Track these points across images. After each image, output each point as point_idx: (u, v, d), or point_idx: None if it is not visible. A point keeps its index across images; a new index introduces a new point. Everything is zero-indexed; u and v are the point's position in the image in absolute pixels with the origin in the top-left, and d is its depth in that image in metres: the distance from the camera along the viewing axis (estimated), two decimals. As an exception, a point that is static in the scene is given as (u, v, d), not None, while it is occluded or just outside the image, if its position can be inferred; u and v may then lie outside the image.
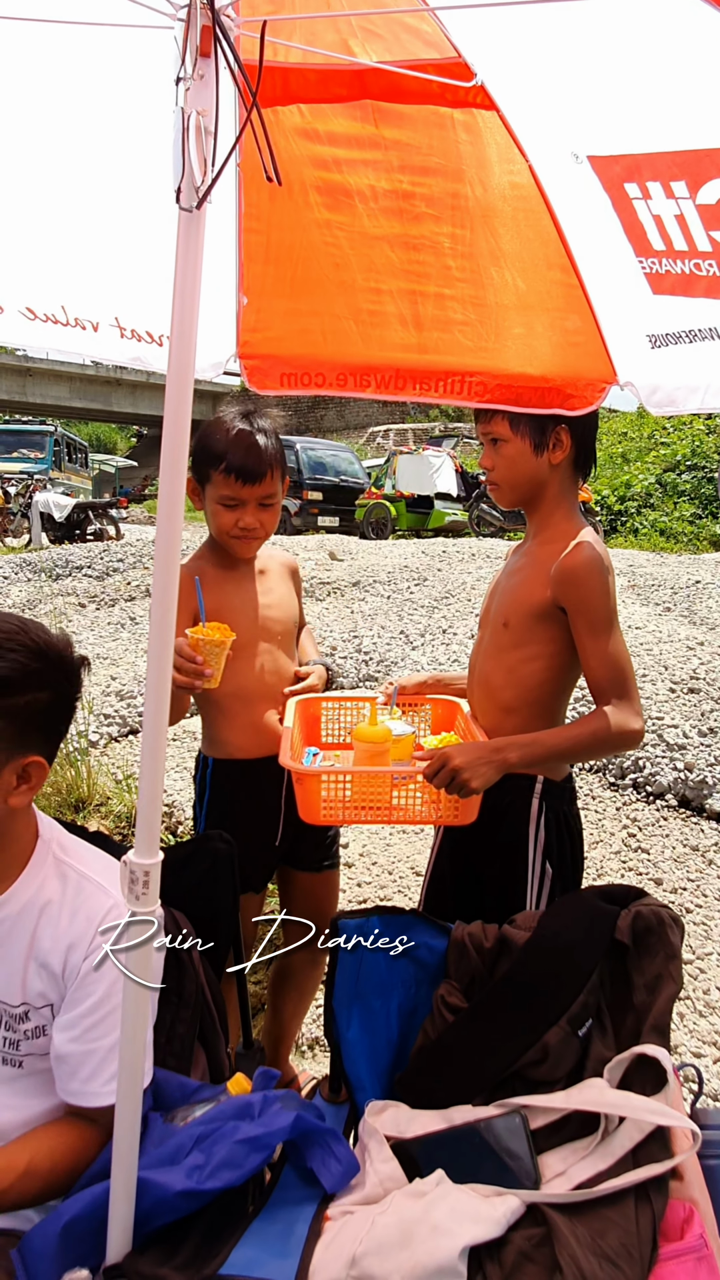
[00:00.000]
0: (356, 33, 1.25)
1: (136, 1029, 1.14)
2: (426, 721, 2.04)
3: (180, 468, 1.03)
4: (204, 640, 1.64)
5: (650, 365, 1.59)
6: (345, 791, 1.63)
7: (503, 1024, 1.36)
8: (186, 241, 0.95)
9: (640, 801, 3.48)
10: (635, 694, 1.60)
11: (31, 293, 1.64)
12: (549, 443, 1.70)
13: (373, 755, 1.69)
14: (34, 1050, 1.30)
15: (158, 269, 1.52)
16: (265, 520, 1.89)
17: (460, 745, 1.61)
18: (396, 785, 1.65)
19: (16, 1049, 1.30)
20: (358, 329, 1.72)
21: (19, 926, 1.27)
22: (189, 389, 1.00)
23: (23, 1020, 1.29)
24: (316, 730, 2.02)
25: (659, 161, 1.24)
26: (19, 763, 1.22)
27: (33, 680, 1.20)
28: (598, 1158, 1.24)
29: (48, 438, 18.01)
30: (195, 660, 1.62)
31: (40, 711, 1.22)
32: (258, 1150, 1.21)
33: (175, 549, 1.06)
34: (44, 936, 1.27)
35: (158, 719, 1.07)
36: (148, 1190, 1.18)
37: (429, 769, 1.55)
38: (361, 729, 1.72)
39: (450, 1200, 1.18)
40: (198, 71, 0.88)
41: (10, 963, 1.27)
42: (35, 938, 1.27)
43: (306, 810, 1.65)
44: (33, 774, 1.24)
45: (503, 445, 1.72)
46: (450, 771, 1.53)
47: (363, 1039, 1.41)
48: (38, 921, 1.28)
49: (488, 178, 1.46)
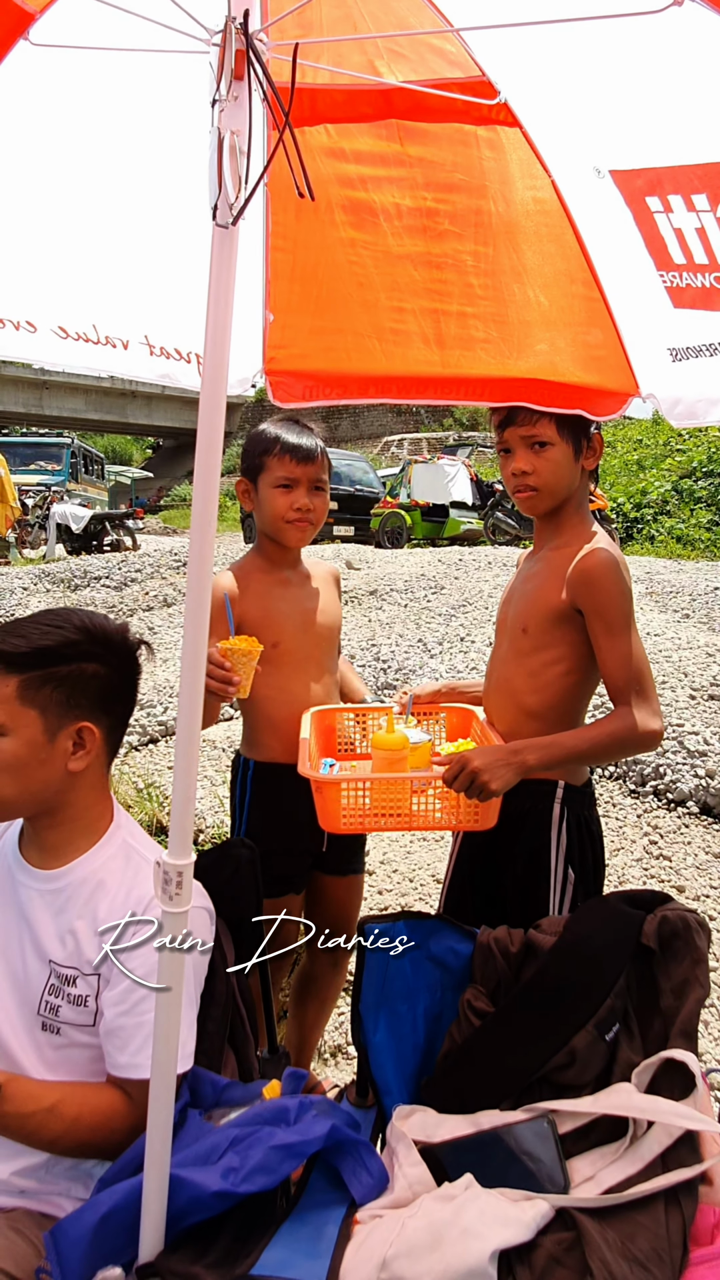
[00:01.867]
0: (383, 53, 1.28)
1: (169, 1031, 1.16)
2: (442, 730, 2.06)
3: (213, 480, 1.05)
4: (233, 650, 1.68)
5: (672, 378, 1.61)
6: (365, 799, 1.64)
7: (529, 1028, 1.37)
8: (220, 257, 0.98)
9: (661, 808, 3.48)
10: (654, 695, 1.61)
11: (63, 312, 1.68)
12: (585, 448, 1.72)
13: (391, 762, 1.70)
14: (73, 1019, 1.33)
15: (186, 288, 1.56)
16: (318, 505, 1.97)
17: (479, 748, 1.62)
18: (416, 791, 1.66)
19: (56, 1014, 1.34)
20: (381, 347, 1.75)
21: (80, 893, 1.35)
22: (222, 402, 1.02)
23: (69, 984, 1.33)
24: (332, 741, 2.04)
25: (680, 175, 1.26)
26: (71, 727, 1.33)
27: (75, 651, 1.33)
28: (627, 1162, 1.25)
29: (64, 450, 18.15)
30: (225, 668, 1.66)
31: (87, 680, 1.34)
32: (292, 1157, 1.22)
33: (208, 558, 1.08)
34: (101, 908, 1.34)
35: (191, 722, 1.09)
36: (183, 1188, 1.19)
37: (448, 773, 1.56)
38: (379, 736, 1.73)
39: (480, 1204, 1.19)
40: (232, 94, 0.90)
41: (68, 925, 1.34)
42: (94, 908, 1.34)
43: (326, 819, 1.66)
44: (86, 739, 1.35)
45: (548, 449, 1.69)
46: (470, 774, 1.54)
47: (389, 1043, 1.42)
48: (96, 892, 1.35)
49: (511, 193, 1.48)
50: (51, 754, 1.32)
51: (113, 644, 1.39)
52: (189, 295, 1.49)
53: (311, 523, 1.96)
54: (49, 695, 1.31)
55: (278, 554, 2.03)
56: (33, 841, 1.42)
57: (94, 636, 1.36)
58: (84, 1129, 1.27)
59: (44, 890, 1.38)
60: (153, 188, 1.59)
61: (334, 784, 1.65)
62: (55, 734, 1.32)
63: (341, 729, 2.07)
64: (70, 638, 1.33)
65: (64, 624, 1.35)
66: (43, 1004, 1.35)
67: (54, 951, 1.35)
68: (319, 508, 1.96)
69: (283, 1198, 1.27)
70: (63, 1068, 1.35)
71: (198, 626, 1.08)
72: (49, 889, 1.37)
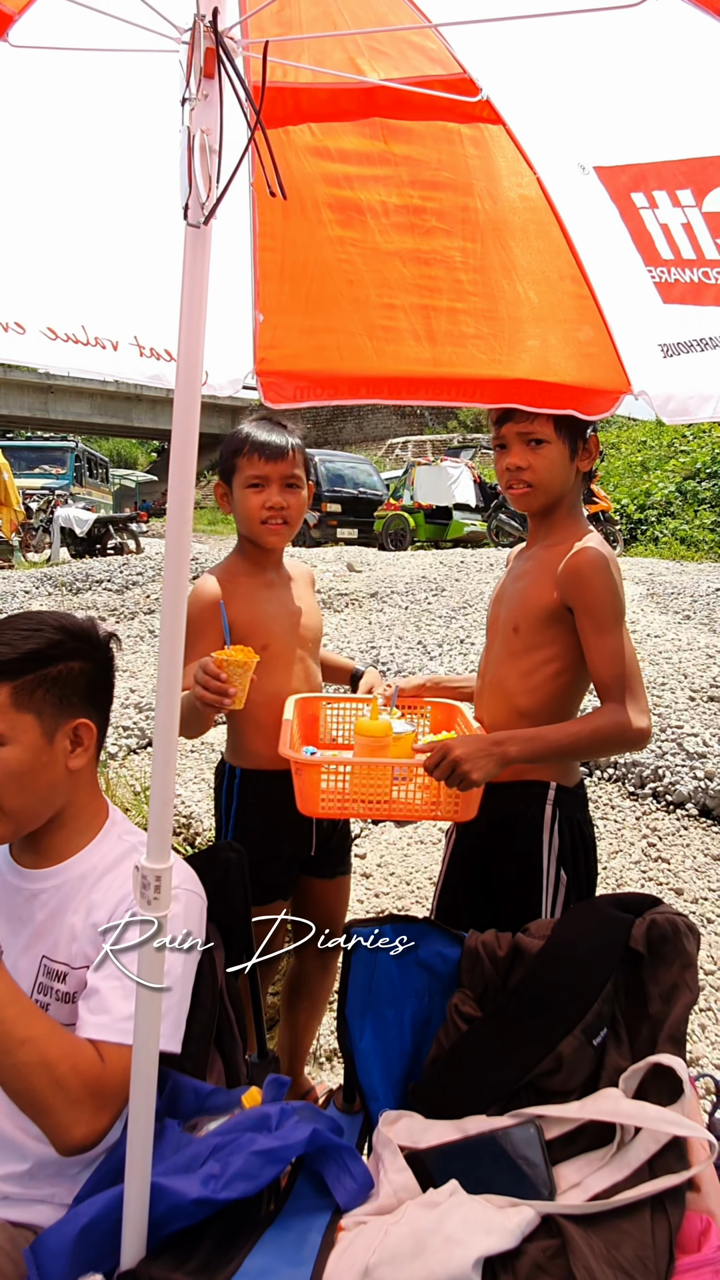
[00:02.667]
0: (364, 51, 1.28)
1: (149, 1036, 1.15)
2: (425, 724, 2.04)
3: (188, 481, 1.04)
4: (229, 661, 1.65)
5: (663, 374, 1.60)
6: (344, 784, 1.63)
7: (516, 1033, 1.35)
8: (193, 257, 0.97)
9: (660, 811, 3.46)
10: (641, 692, 1.59)
11: (52, 313, 1.68)
12: (580, 449, 1.71)
13: (374, 749, 1.68)
14: (60, 1018, 1.32)
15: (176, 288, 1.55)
16: (292, 503, 1.92)
17: (461, 737, 1.61)
18: (397, 780, 1.64)
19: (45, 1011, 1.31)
20: (372, 344, 1.74)
21: (77, 889, 1.36)
22: (196, 403, 1.01)
23: (59, 980, 1.33)
24: (315, 729, 2.02)
25: (664, 170, 1.25)
26: (68, 726, 1.35)
27: (61, 651, 1.34)
28: (613, 1169, 1.23)
29: (69, 453, 18.20)
30: (220, 679, 1.64)
31: (76, 678, 1.36)
32: (273, 1163, 1.21)
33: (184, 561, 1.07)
34: (97, 898, 1.34)
35: (168, 728, 1.09)
36: (163, 1196, 1.18)
37: (430, 760, 1.55)
38: (363, 722, 1.71)
39: (464, 1211, 1.17)
40: (201, 92, 0.90)
41: (63, 922, 1.34)
42: (90, 900, 1.35)
43: (305, 802, 1.65)
44: (83, 736, 1.37)
45: (545, 447, 1.69)
46: (451, 762, 1.52)
47: (376, 1049, 1.41)
48: (94, 887, 1.36)
49: (497, 191, 1.47)
50: (52, 755, 1.33)
51: (92, 640, 1.41)
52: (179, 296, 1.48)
53: (286, 521, 1.92)
54: (43, 697, 1.32)
55: (259, 556, 2.00)
56: (27, 845, 1.41)
57: (75, 634, 1.38)
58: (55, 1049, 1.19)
59: (40, 890, 1.37)
60: (140, 187, 1.58)
61: (314, 766, 1.64)
62: (53, 735, 1.33)
63: (324, 718, 2.06)
64: (54, 638, 1.34)
65: (42, 626, 1.36)
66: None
67: (48, 949, 1.34)
68: (293, 505, 1.92)
69: (267, 1204, 1.26)
70: None
71: (174, 634, 1.07)
72: (46, 887, 1.37)
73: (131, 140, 1.53)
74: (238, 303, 1.77)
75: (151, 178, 1.56)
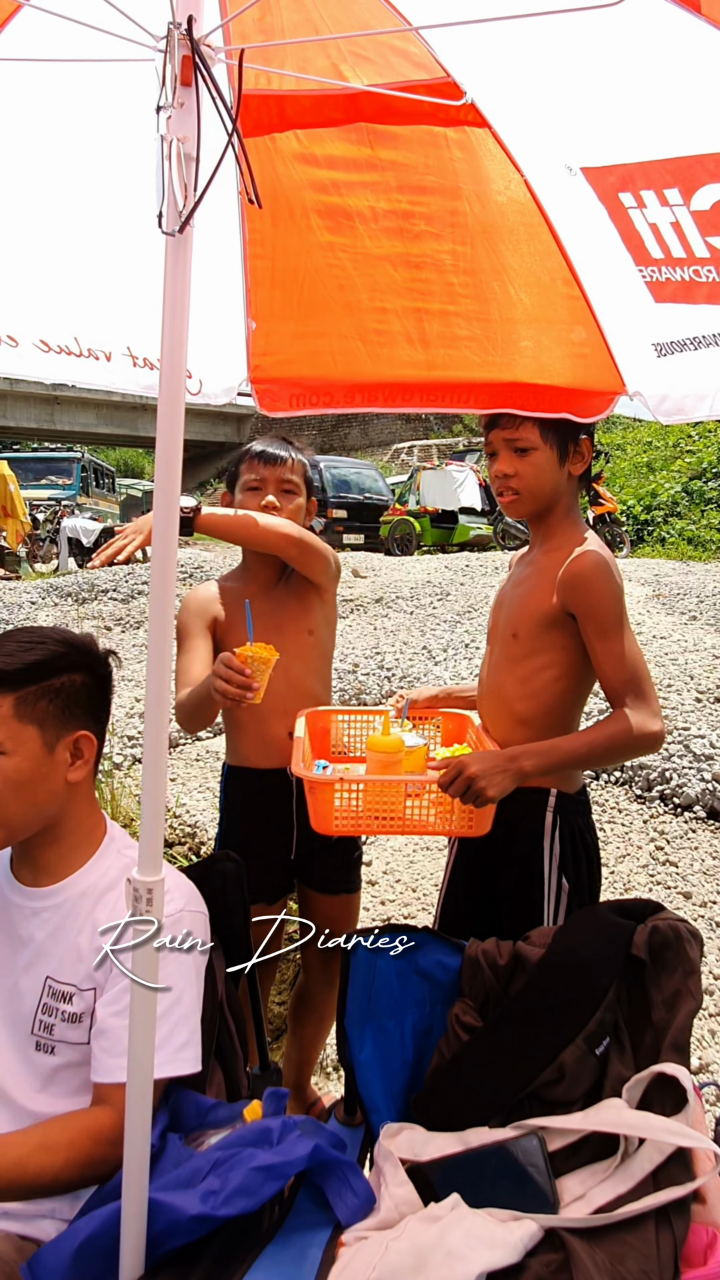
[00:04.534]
0: (347, 57, 1.27)
1: (144, 1046, 1.14)
2: (437, 735, 2.04)
3: (174, 487, 1.04)
4: (252, 657, 1.66)
5: (657, 374, 1.58)
6: (358, 801, 1.62)
7: (518, 1043, 1.34)
8: (174, 266, 0.96)
9: (668, 813, 3.43)
10: (652, 695, 1.58)
11: (45, 325, 1.68)
12: (571, 453, 1.70)
13: (386, 765, 1.68)
14: (68, 1038, 1.32)
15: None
16: (286, 505, 1.99)
17: (475, 754, 1.60)
18: (410, 795, 1.64)
19: (50, 1033, 1.32)
20: (365, 349, 1.73)
21: (80, 908, 1.35)
22: (180, 412, 1.00)
23: (64, 1001, 1.32)
24: (326, 743, 2.02)
25: (651, 170, 1.24)
26: (69, 738, 1.35)
27: (64, 663, 1.35)
28: (617, 1180, 1.21)
29: (75, 464, 18.24)
30: (245, 673, 1.65)
31: (78, 691, 1.37)
32: (273, 1179, 1.20)
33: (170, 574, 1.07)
34: (101, 918, 1.33)
35: (157, 740, 1.08)
36: (161, 1212, 1.17)
37: (444, 778, 1.54)
38: (375, 738, 1.71)
39: (465, 1225, 1.16)
40: (178, 100, 0.89)
41: (66, 941, 1.34)
42: (94, 919, 1.34)
43: (319, 820, 1.65)
44: (84, 748, 1.37)
45: (531, 453, 1.68)
46: (466, 780, 1.52)
47: (376, 1060, 1.40)
48: (96, 905, 1.35)
49: (485, 194, 1.47)
50: (52, 767, 1.33)
51: (92, 654, 1.42)
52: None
53: None
54: (45, 709, 1.32)
55: (256, 564, 2.05)
56: (26, 860, 1.40)
57: (76, 648, 1.39)
58: (83, 1150, 1.24)
59: (41, 908, 1.36)
60: (130, 197, 1.58)
61: (327, 784, 1.64)
62: (54, 746, 1.33)
63: (336, 731, 2.06)
64: (57, 650, 1.36)
65: (44, 639, 1.37)
66: (36, 1023, 1.33)
67: (52, 969, 1.33)
68: (287, 509, 1.98)
69: (268, 1219, 1.25)
70: (57, 1088, 1.33)
71: (161, 649, 1.06)
72: (47, 905, 1.36)
73: (121, 150, 1.53)
74: (230, 311, 1.77)
75: (141, 187, 1.56)
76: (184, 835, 3.47)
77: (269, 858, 2.00)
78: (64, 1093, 1.34)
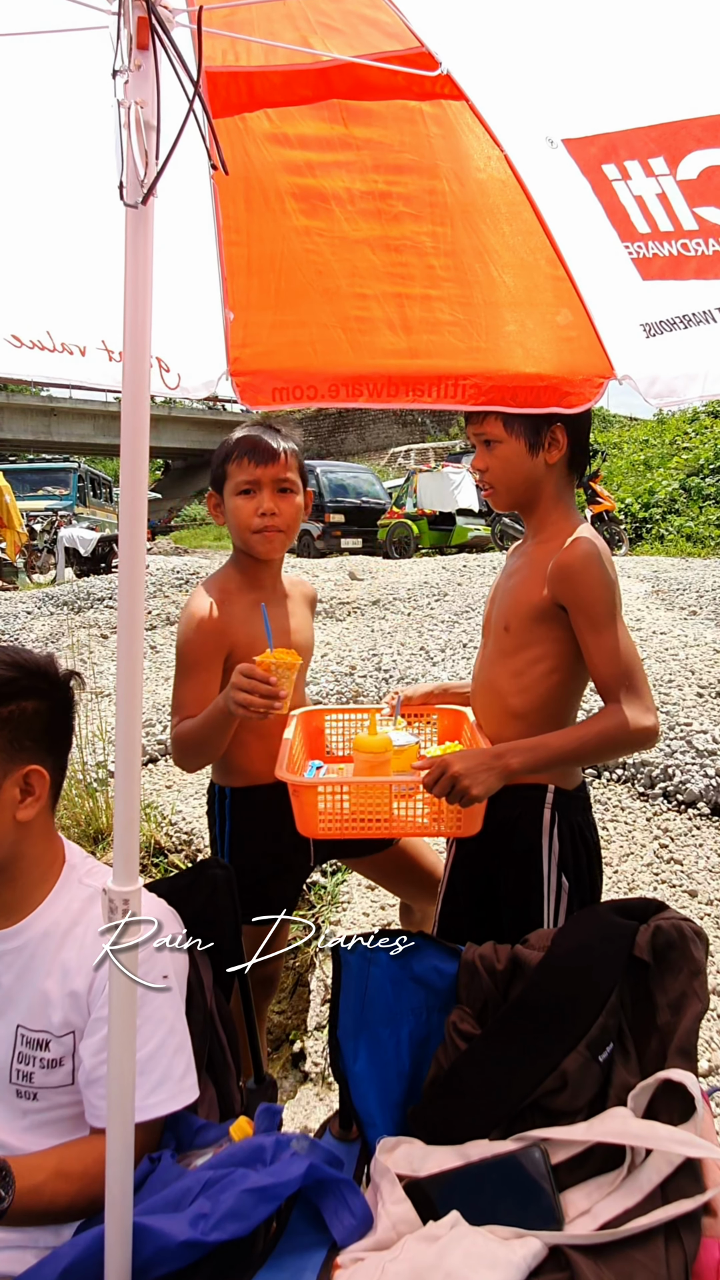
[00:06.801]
0: (315, 29, 1.22)
1: (124, 1066, 1.08)
2: (433, 732, 1.99)
3: (141, 479, 0.99)
4: (276, 664, 1.57)
5: (647, 355, 1.53)
6: (344, 803, 1.57)
7: (518, 1051, 1.28)
8: (135, 240, 0.92)
9: (671, 811, 3.37)
10: (645, 689, 1.53)
11: (15, 319, 1.63)
12: (544, 442, 1.65)
13: (373, 766, 1.64)
14: (49, 1083, 1.26)
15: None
16: (284, 508, 1.84)
17: (460, 752, 1.56)
18: (398, 796, 1.59)
19: (30, 1080, 1.26)
20: (346, 337, 1.68)
21: (43, 949, 1.26)
22: (145, 399, 0.96)
23: (40, 1048, 1.26)
24: (320, 743, 1.98)
25: (635, 138, 1.19)
26: (18, 774, 1.23)
27: (14, 690, 1.23)
28: (624, 1194, 1.16)
29: (72, 474, 18.25)
30: (270, 681, 1.55)
31: (29, 720, 1.25)
32: (267, 1201, 1.15)
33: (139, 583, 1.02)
34: (70, 959, 1.26)
35: (130, 749, 1.03)
36: (149, 1238, 1.12)
37: (429, 778, 1.50)
38: (361, 739, 1.67)
39: (466, 1244, 1.10)
40: (134, 62, 0.84)
41: (33, 986, 1.26)
42: (61, 962, 1.26)
43: (304, 823, 1.60)
44: (35, 784, 1.25)
45: (497, 446, 1.67)
46: (450, 779, 1.47)
47: (372, 1072, 1.34)
48: (62, 945, 1.27)
49: (464, 171, 1.42)
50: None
51: (49, 678, 1.29)
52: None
53: (279, 529, 1.84)
54: None
55: (255, 569, 1.92)
56: None
57: (30, 671, 1.26)
58: (96, 1181, 1.18)
59: (2, 952, 1.28)
60: (98, 184, 1.53)
61: (310, 788, 1.59)
62: (0, 783, 1.22)
63: (328, 731, 2.01)
64: (5, 675, 1.23)
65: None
66: (13, 1072, 1.26)
67: (22, 1017, 1.26)
68: (286, 511, 1.84)
69: (261, 1242, 1.19)
70: (46, 1130, 1.28)
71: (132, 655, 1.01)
72: (8, 949, 1.28)
73: (88, 135, 1.48)
74: (207, 302, 1.72)
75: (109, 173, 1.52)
76: (180, 843, 3.42)
77: (294, 869, 1.93)
78: (55, 1133, 1.28)
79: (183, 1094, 1.28)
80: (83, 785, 3.61)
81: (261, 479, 1.81)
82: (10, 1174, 1.12)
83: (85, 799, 3.53)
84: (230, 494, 1.85)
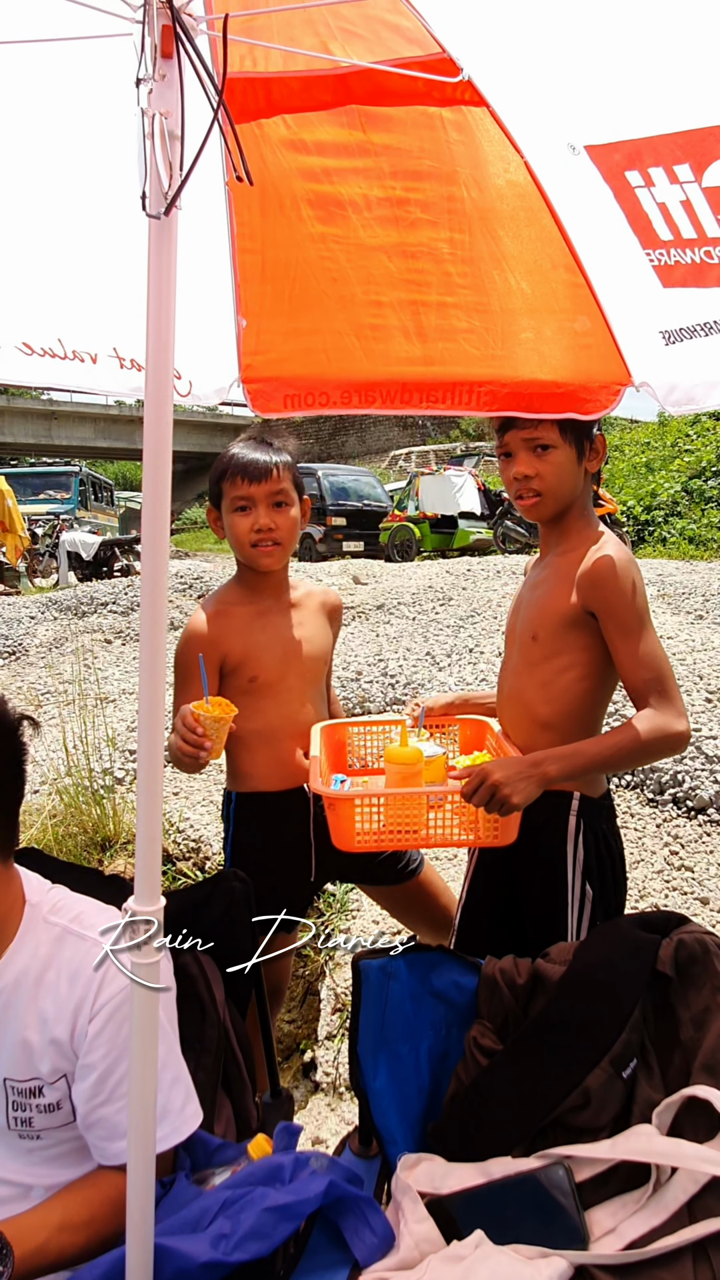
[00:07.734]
0: (336, 34, 1.21)
1: (146, 1080, 1.07)
2: (455, 743, 1.97)
3: (164, 490, 0.98)
4: (206, 716, 1.60)
5: (665, 363, 1.52)
6: (379, 816, 1.56)
7: (540, 1067, 1.27)
8: (158, 251, 0.90)
9: (681, 817, 3.36)
10: (676, 694, 1.52)
11: (27, 327, 1.62)
12: (587, 450, 1.64)
13: (405, 777, 1.63)
14: (50, 1124, 1.23)
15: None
16: (280, 522, 1.86)
17: (498, 760, 1.55)
18: (432, 807, 1.59)
19: (30, 1125, 1.23)
20: (360, 344, 1.67)
21: (16, 999, 1.20)
22: (168, 408, 0.95)
23: (35, 1095, 1.22)
24: (343, 757, 1.96)
25: (660, 145, 1.18)
26: None
27: None
28: (650, 1212, 1.15)
29: (73, 478, 18.25)
30: (196, 732, 1.59)
31: None
32: (287, 1220, 1.13)
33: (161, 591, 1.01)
34: (47, 1008, 1.20)
35: (153, 764, 1.01)
36: (169, 1259, 1.10)
37: (468, 787, 1.49)
38: (393, 750, 1.66)
39: (490, 1264, 1.09)
40: (159, 72, 0.83)
41: (13, 1038, 1.20)
42: (38, 1010, 1.20)
43: (340, 837, 1.59)
44: None
45: (552, 452, 1.62)
46: (490, 788, 1.46)
47: (392, 1088, 1.33)
48: (36, 993, 1.20)
49: (483, 178, 1.41)
50: None
51: None
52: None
53: (277, 542, 1.85)
54: None
55: (256, 581, 1.94)
56: None
57: None
58: (104, 1222, 1.18)
59: None
60: (113, 193, 1.52)
61: (347, 800, 1.58)
62: None
63: (352, 744, 1.99)
64: None
65: None
66: (11, 1120, 1.23)
67: (7, 1070, 1.21)
68: (283, 525, 1.85)
69: (281, 1262, 1.18)
70: (57, 1162, 1.26)
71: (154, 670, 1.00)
72: None
73: (107, 144, 1.47)
74: (219, 309, 1.71)
75: (125, 181, 1.50)
76: (188, 850, 3.40)
77: (290, 879, 1.92)
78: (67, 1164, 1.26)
79: (185, 1125, 1.25)
80: (89, 792, 3.60)
81: (255, 495, 1.83)
82: (8, 1246, 1.08)
83: (92, 805, 3.52)
84: (227, 511, 1.88)
